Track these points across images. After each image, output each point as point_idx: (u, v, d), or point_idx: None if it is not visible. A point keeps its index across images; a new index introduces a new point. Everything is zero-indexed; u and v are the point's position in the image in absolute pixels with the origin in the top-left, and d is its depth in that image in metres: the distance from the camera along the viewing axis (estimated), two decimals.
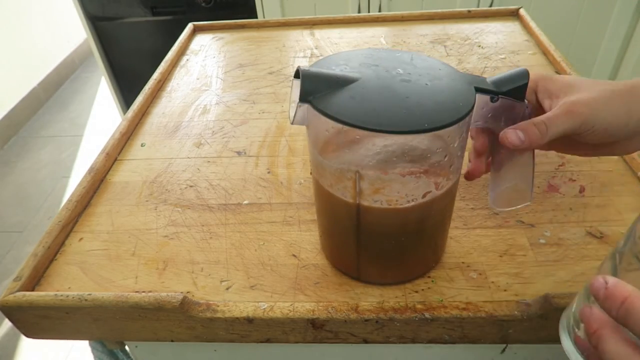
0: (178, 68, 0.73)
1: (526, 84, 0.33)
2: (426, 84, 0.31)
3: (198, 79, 0.70)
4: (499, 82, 0.34)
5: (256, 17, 1.40)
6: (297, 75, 0.31)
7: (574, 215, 0.42)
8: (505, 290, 0.36)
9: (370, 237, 0.35)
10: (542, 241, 0.40)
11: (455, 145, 0.32)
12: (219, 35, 0.84)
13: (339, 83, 0.31)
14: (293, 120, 0.32)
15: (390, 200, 0.32)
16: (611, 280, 0.22)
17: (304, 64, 0.71)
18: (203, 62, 0.75)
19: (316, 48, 0.75)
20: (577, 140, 0.33)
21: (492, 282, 0.37)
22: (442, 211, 0.35)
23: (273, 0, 1.34)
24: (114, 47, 1.58)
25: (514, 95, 0.34)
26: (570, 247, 0.39)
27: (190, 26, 0.85)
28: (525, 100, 0.34)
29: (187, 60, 0.76)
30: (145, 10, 1.47)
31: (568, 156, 0.49)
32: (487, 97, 0.33)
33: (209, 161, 0.53)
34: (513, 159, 0.36)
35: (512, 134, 0.32)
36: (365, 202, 0.32)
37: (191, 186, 0.49)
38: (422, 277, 0.38)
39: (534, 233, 0.41)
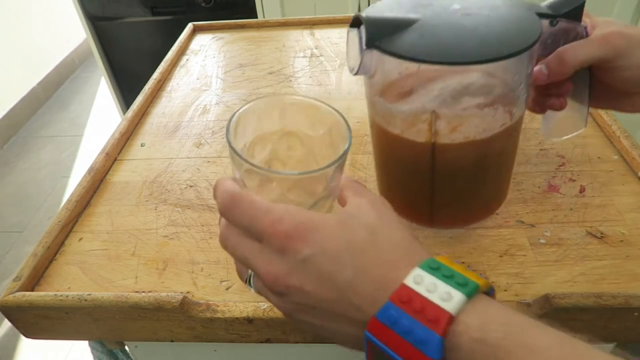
0: (178, 68, 0.73)
1: (583, 4, 0.34)
2: (488, 15, 0.31)
3: (198, 79, 0.70)
4: (555, 5, 0.34)
5: (256, 17, 1.40)
6: (354, 24, 0.30)
7: (574, 215, 0.42)
8: (505, 290, 0.36)
9: (446, 176, 0.35)
10: (542, 241, 0.40)
11: (529, 72, 0.32)
12: (219, 35, 0.84)
13: (402, 25, 0.30)
14: (358, 70, 0.31)
15: (468, 135, 0.32)
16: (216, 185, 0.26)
17: (303, 63, 0.71)
18: (203, 62, 0.75)
19: (316, 48, 0.75)
20: (603, 83, 0.32)
21: (492, 282, 0.37)
22: (514, 142, 0.35)
23: (273, 0, 1.34)
24: (114, 47, 1.58)
25: (572, 16, 0.34)
26: (571, 247, 0.39)
27: (190, 26, 0.85)
28: (582, 22, 0.34)
29: (187, 60, 0.76)
30: (145, 10, 1.47)
31: (568, 156, 0.49)
32: (546, 22, 0.33)
33: (209, 161, 0.53)
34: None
35: (537, 71, 0.32)
36: (442, 141, 0.32)
37: (191, 186, 0.49)
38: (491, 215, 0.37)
39: (534, 233, 0.41)
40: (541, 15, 0.33)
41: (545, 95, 0.38)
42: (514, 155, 0.38)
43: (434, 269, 0.21)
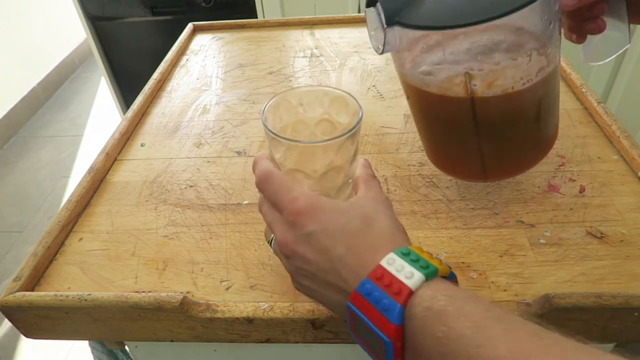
0: (178, 68, 0.73)
1: None
2: None
3: (198, 79, 0.70)
4: None
5: (256, 17, 1.40)
6: (369, 3, 0.31)
7: (574, 215, 0.42)
8: (505, 290, 0.36)
9: (492, 130, 0.35)
10: (542, 241, 0.40)
11: (557, 9, 0.32)
12: (219, 35, 0.84)
13: None
14: (383, 48, 0.32)
15: (506, 88, 0.32)
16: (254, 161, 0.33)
17: (303, 63, 0.71)
18: (203, 62, 0.75)
19: (316, 48, 0.75)
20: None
21: (492, 282, 0.37)
22: (555, 83, 0.35)
23: (273, 0, 1.34)
24: (114, 47, 1.58)
25: None
26: (571, 247, 0.39)
27: (190, 26, 0.85)
28: None
29: (187, 60, 0.76)
30: (145, 10, 1.47)
31: (568, 156, 0.49)
32: None
33: (208, 161, 0.53)
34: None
35: None
36: (481, 96, 0.32)
37: (191, 186, 0.49)
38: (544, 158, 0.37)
39: (534, 233, 0.41)
40: None
41: (581, 21, 0.36)
42: (557, 96, 0.37)
43: (405, 254, 0.26)
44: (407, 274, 0.25)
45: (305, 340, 0.37)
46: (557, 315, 0.33)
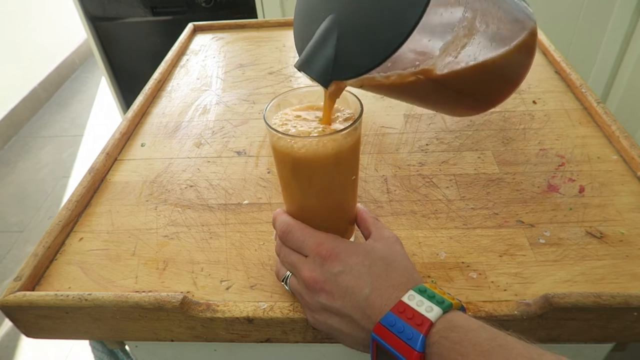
0: (178, 68, 0.73)
1: None
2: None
3: (198, 79, 0.70)
4: None
5: (256, 17, 1.40)
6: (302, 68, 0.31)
7: (573, 215, 0.42)
8: (505, 290, 0.36)
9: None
10: (541, 241, 0.40)
11: None
12: (219, 35, 0.84)
13: (326, 44, 0.31)
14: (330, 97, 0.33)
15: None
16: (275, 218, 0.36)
17: None
18: (203, 62, 0.75)
19: None
20: None
21: (492, 282, 0.37)
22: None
23: (273, 0, 1.34)
24: (114, 47, 1.58)
25: None
26: (570, 247, 0.39)
27: (190, 26, 0.85)
28: None
29: (187, 60, 0.76)
30: (145, 10, 1.47)
31: (568, 156, 0.49)
32: None
33: (209, 161, 0.53)
34: None
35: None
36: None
37: (191, 186, 0.49)
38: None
39: (534, 233, 0.41)
40: None
41: None
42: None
43: (422, 291, 0.30)
44: (427, 309, 0.28)
45: (305, 340, 0.37)
46: (557, 315, 0.33)
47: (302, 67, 0.31)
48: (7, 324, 1.30)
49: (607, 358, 0.42)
